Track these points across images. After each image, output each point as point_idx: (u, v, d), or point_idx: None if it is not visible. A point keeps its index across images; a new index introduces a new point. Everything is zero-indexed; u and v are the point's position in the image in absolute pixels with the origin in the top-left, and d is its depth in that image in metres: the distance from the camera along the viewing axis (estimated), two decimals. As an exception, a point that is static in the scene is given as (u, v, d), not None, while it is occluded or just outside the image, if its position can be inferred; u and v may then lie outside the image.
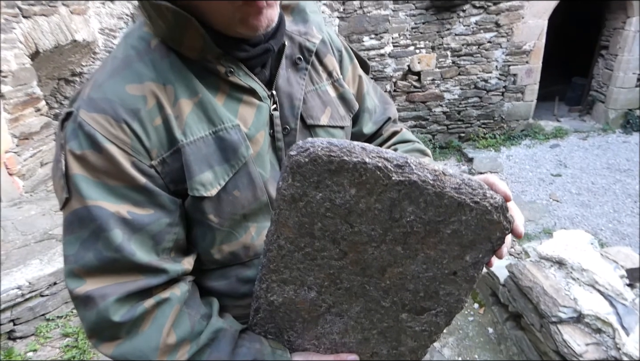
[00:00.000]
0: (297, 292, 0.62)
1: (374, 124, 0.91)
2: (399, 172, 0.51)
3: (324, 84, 0.78)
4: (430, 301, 0.60)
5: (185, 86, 0.61)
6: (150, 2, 0.57)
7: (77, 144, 0.57)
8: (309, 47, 0.73)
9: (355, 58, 0.88)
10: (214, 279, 0.71)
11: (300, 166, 0.52)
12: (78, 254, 0.58)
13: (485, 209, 0.52)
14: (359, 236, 0.56)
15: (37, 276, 2.71)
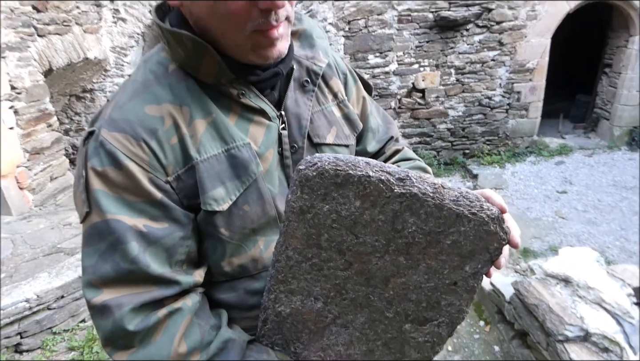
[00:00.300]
0: (304, 302, 0.64)
1: (377, 143, 0.94)
2: (400, 185, 0.54)
3: (329, 104, 0.81)
4: (433, 312, 0.62)
5: (200, 107, 0.65)
6: (171, 31, 0.62)
7: (98, 161, 0.60)
8: (316, 70, 0.77)
9: (359, 80, 0.92)
10: (223, 292, 0.73)
11: (308, 179, 0.55)
12: (96, 266, 0.61)
13: (482, 221, 0.55)
14: (364, 247, 0.58)
15: (46, 289, 2.74)
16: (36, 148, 4.07)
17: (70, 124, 5.37)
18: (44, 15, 4.09)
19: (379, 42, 5.35)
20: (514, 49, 5.50)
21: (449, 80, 5.60)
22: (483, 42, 5.45)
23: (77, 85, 5.06)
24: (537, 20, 5.42)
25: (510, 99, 5.75)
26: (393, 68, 5.52)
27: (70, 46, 4.42)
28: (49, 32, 4.17)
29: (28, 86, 3.92)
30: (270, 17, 0.59)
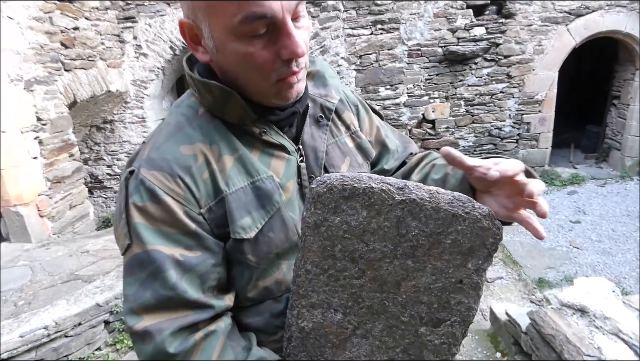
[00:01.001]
0: (325, 315, 0.68)
1: (395, 161, 1.00)
2: (400, 193, 0.61)
3: (343, 136, 0.88)
4: (445, 312, 0.66)
5: (227, 145, 0.72)
6: (201, 81, 0.70)
7: (139, 197, 0.67)
8: (329, 107, 0.85)
9: (371, 110, 1.00)
10: (250, 316, 0.78)
11: (320, 195, 0.62)
12: (137, 294, 0.66)
13: (476, 218, 0.61)
14: (374, 253, 0.64)
15: (64, 317, 2.76)
16: (57, 177, 4.20)
17: (90, 153, 5.54)
18: (71, 51, 4.31)
19: (390, 75, 5.51)
20: (523, 82, 5.61)
21: (458, 111, 5.71)
22: (491, 75, 5.58)
23: (98, 116, 5.25)
24: (544, 54, 5.55)
25: (520, 130, 5.82)
26: (403, 100, 5.65)
27: (94, 80, 4.63)
28: (75, 67, 4.38)
29: (53, 118, 4.09)
30: (292, 65, 0.66)
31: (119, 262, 3.54)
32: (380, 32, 5.37)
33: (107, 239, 4.13)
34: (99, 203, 5.74)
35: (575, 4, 5.42)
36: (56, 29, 4.11)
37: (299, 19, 0.65)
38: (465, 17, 5.39)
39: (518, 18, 5.42)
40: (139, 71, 5.26)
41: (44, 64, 3.96)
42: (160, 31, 5.13)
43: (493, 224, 0.62)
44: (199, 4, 0.62)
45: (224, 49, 0.65)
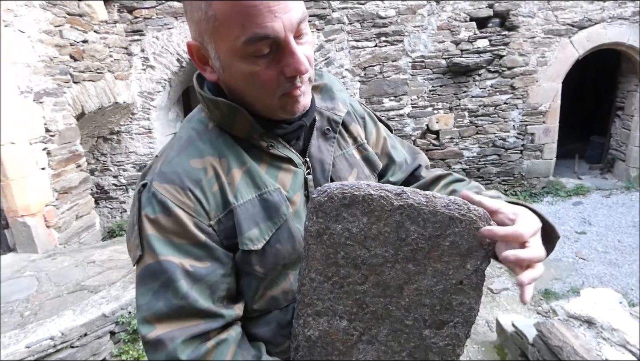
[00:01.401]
0: (331, 323, 0.68)
1: (402, 173, 1.01)
2: (398, 198, 0.63)
3: (350, 148, 0.90)
4: (447, 314, 0.67)
5: (235, 159, 0.74)
6: (210, 98, 0.73)
7: (151, 209, 0.69)
8: (336, 119, 0.87)
9: (379, 121, 1.01)
10: (258, 327, 0.79)
11: (321, 204, 0.64)
12: (150, 303, 0.68)
13: (471, 220, 0.63)
14: (376, 259, 0.65)
15: (70, 327, 2.77)
16: (65, 188, 4.24)
17: (96, 164, 5.59)
18: (80, 64, 4.38)
19: (394, 87, 5.56)
20: (526, 93, 5.64)
21: (462, 122, 5.74)
22: (495, 87, 5.61)
23: (105, 127, 5.31)
24: (548, 66, 5.59)
25: (525, 141, 5.83)
26: (407, 111, 5.69)
27: (102, 92, 4.70)
28: (84, 79, 4.45)
29: (61, 129, 4.14)
30: (296, 81, 0.69)
31: (124, 272, 3.56)
32: (384, 44, 5.43)
33: (113, 249, 4.15)
34: (105, 214, 5.77)
35: (578, 17, 5.47)
36: (66, 42, 4.18)
37: (301, 36, 0.68)
38: (468, 30, 5.44)
39: (521, 30, 5.47)
40: (146, 82, 5.33)
41: (53, 76, 4.03)
42: (167, 44, 5.21)
43: (488, 224, 0.64)
44: (206, 27, 0.64)
45: (230, 68, 0.67)
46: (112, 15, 4.98)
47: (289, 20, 0.63)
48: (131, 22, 5.16)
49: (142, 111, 5.40)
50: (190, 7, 0.66)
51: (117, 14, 5.09)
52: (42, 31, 3.89)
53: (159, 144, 5.54)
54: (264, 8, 0.60)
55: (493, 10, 5.43)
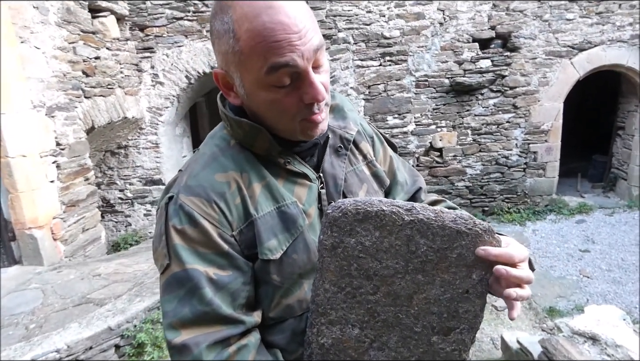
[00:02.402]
0: (343, 330, 0.71)
1: (405, 194, 1.07)
2: (408, 214, 0.68)
3: (360, 165, 0.95)
4: (454, 321, 0.71)
5: (256, 173, 0.79)
6: (234, 118, 0.79)
7: (178, 220, 0.73)
8: (348, 138, 0.92)
9: (385, 141, 1.07)
10: (274, 334, 0.82)
11: (336, 219, 0.69)
12: (176, 310, 0.71)
13: (477, 233, 0.68)
14: (387, 270, 0.69)
15: (76, 340, 2.76)
16: (72, 200, 4.28)
17: (103, 177, 5.64)
18: (91, 79, 4.48)
19: (398, 105, 5.65)
20: (529, 112, 5.73)
21: (465, 140, 5.80)
22: (498, 106, 5.70)
23: (113, 141, 5.38)
24: (549, 86, 5.68)
25: (527, 159, 5.89)
26: (411, 129, 5.76)
27: (112, 106, 4.78)
28: (95, 94, 4.54)
29: (71, 143, 4.21)
30: (314, 108, 0.74)
31: (130, 285, 3.56)
32: (389, 64, 5.54)
33: (119, 263, 4.16)
34: (109, 227, 5.80)
35: (578, 39, 5.59)
36: (79, 58, 4.29)
37: (319, 65, 0.73)
38: (471, 50, 5.56)
39: (523, 51, 5.59)
40: (155, 98, 5.42)
41: (65, 91, 4.11)
42: (177, 61, 5.33)
43: (493, 237, 0.69)
44: (232, 59, 0.70)
45: (254, 96, 0.74)
46: (124, 33, 5.11)
47: (308, 51, 0.68)
48: (142, 40, 5.29)
49: (150, 126, 5.48)
50: (218, 40, 0.71)
51: (129, 31, 5.22)
52: (56, 47, 3.99)
53: (166, 158, 5.60)
54: (284, 42, 0.66)
55: (495, 31, 5.56)
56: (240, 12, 0.67)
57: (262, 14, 0.66)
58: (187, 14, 5.25)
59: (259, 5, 0.66)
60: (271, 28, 0.65)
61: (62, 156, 4.11)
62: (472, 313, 0.71)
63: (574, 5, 5.52)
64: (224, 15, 0.69)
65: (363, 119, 1.04)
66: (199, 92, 6.11)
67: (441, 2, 5.48)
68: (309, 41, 0.68)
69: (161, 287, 0.75)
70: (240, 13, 0.67)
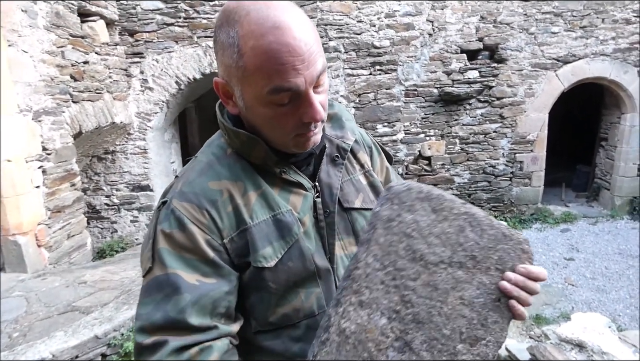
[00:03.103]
0: (371, 317, 0.66)
1: None
2: (464, 206, 0.70)
3: (357, 174, 0.96)
4: (482, 330, 0.68)
5: (252, 182, 0.80)
6: (232, 128, 0.80)
7: (167, 225, 0.74)
8: (345, 147, 0.93)
9: (382, 152, 1.09)
10: (269, 340, 0.82)
11: (399, 192, 0.69)
12: (149, 314, 0.70)
13: (519, 240, 0.70)
14: (433, 256, 0.68)
15: (61, 349, 2.71)
16: (58, 206, 4.20)
17: (89, 183, 5.56)
18: (80, 84, 4.43)
19: (387, 113, 5.70)
20: (515, 122, 5.84)
21: (454, 149, 5.89)
22: (485, 116, 5.80)
23: (100, 147, 5.31)
24: (535, 97, 5.81)
25: (514, 168, 6.00)
26: (400, 137, 5.82)
27: (100, 111, 4.73)
28: (83, 99, 4.48)
29: (58, 148, 4.14)
30: (311, 126, 0.76)
31: (117, 293, 3.51)
32: (379, 73, 5.61)
33: (105, 270, 4.10)
34: (95, 234, 5.70)
35: (563, 52, 5.74)
36: (67, 63, 4.24)
37: (319, 86, 0.75)
38: (459, 61, 5.66)
39: (509, 63, 5.71)
40: (144, 103, 5.38)
41: (53, 95, 4.06)
42: (167, 67, 5.30)
43: (529, 249, 0.71)
44: (235, 73, 0.71)
45: (252, 110, 0.75)
46: (113, 38, 5.07)
47: (311, 75, 0.70)
48: (132, 45, 5.25)
49: (139, 131, 5.43)
50: (222, 52, 0.72)
51: (118, 36, 5.18)
52: (44, 51, 3.94)
53: (154, 164, 5.55)
54: (289, 66, 0.67)
55: (483, 43, 5.67)
56: (247, 29, 0.67)
57: (268, 33, 0.66)
58: (178, 20, 5.24)
59: (266, 24, 0.66)
60: (277, 49, 0.66)
61: (48, 161, 4.04)
62: (499, 326, 0.69)
63: (559, 19, 5.67)
64: (230, 29, 0.69)
65: (362, 129, 1.06)
66: (189, 98, 6.08)
67: (430, 13, 5.57)
68: (312, 65, 0.69)
69: (141, 290, 0.74)
70: (247, 30, 0.67)
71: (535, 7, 5.63)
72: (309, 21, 0.71)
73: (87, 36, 4.57)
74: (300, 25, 0.68)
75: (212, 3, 5.24)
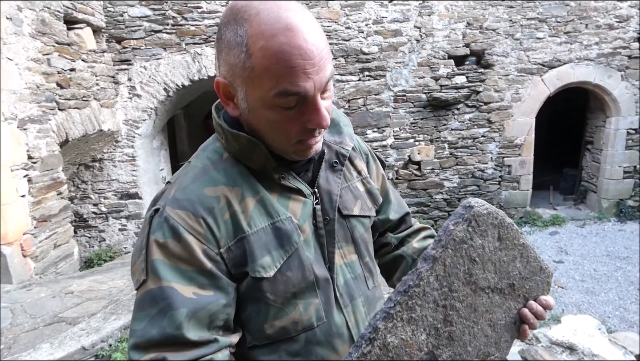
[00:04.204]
0: (414, 333, 0.66)
1: (395, 213, 1.06)
2: (522, 236, 0.72)
3: (354, 181, 0.93)
4: (494, 348, 0.71)
5: (249, 188, 0.76)
6: (231, 131, 0.76)
7: (161, 234, 0.69)
8: (344, 153, 0.90)
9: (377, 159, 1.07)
10: (266, 354, 0.78)
11: (479, 216, 0.68)
12: (144, 330, 0.67)
13: (549, 274, 0.74)
14: (485, 281, 0.69)
15: (47, 361, 2.66)
16: (44, 215, 4.13)
17: (76, 192, 5.48)
18: (66, 91, 4.38)
19: (377, 119, 5.73)
20: (502, 127, 5.90)
21: (443, 153, 5.93)
22: (473, 120, 5.86)
23: (88, 155, 5.25)
24: (522, 101, 5.89)
25: (502, 172, 6.05)
26: (390, 142, 5.85)
27: (87, 119, 4.68)
28: (69, 107, 4.43)
29: (44, 156, 4.08)
30: (315, 132, 0.74)
31: (105, 303, 3.45)
32: (368, 79, 5.64)
33: (93, 279, 4.03)
34: (82, 243, 5.61)
35: (548, 57, 5.83)
36: (53, 70, 4.19)
37: (326, 92, 0.72)
38: (447, 67, 5.72)
39: (496, 68, 5.78)
40: (132, 111, 5.34)
41: (39, 103, 4.00)
42: (155, 73, 5.27)
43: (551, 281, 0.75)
44: (240, 73, 0.68)
45: (256, 112, 0.72)
46: (100, 45, 5.03)
47: (320, 81, 0.67)
48: (119, 52, 5.22)
49: (127, 139, 5.37)
50: (227, 50, 0.68)
51: (105, 43, 5.15)
52: (30, 59, 3.89)
53: (143, 172, 5.49)
54: (299, 70, 0.64)
55: (469, 49, 5.74)
56: (257, 29, 0.64)
57: (280, 34, 0.63)
58: (166, 27, 5.22)
59: (277, 25, 0.64)
60: (288, 52, 0.63)
61: (34, 169, 3.98)
62: (507, 344, 0.71)
63: (543, 25, 5.76)
64: (238, 28, 0.66)
65: (358, 136, 1.04)
66: (178, 105, 6.05)
67: (418, 19, 5.63)
68: (322, 70, 0.67)
69: (135, 303, 0.71)
70: (257, 29, 0.64)
71: (520, 13, 5.73)
72: (319, 25, 0.69)
73: (74, 43, 4.53)
74: (312, 28, 0.66)
75: (200, 10, 5.24)
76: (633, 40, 5.84)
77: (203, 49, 5.30)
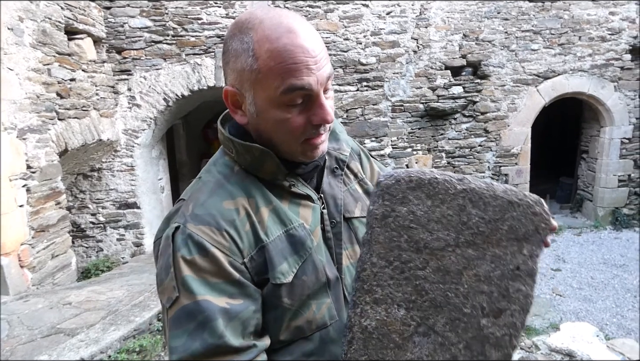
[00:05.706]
0: (389, 311, 0.67)
1: None
2: (460, 183, 0.67)
3: (353, 184, 0.97)
4: (504, 301, 0.67)
5: (262, 198, 0.79)
6: (242, 143, 0.80)
7: (187, 251, 0.71)
8: (343, 158, 0.95)
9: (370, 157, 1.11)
10: (281, 356, 0.80)
11: (388, 187, 0.68)
12: (185, 345, 0.68)
13: (528, 204, 0.68)
14: (438, 242, 0.67)
15: (46, 373, 2.63)
16: (42, 226, 4.11)
17: (74, 201, 5.46)
18: (66, 101, 4.39)
19: (375, 129, 5.78)
20: (499, 136, 5.97)
21: (440, 162, 5.97)
22: (470, 130, 5.92)
23: (86, 164, 5.24)
24: (518, 111, 5.97)
25: (499, 181, 6.09)
26: (388, 152, 5.89)
27: (86, 129, 4.68)
28: (69, 116, 4.43)
29: (43, 166, 4.07)
30: (320, 129, 0.78)
31: (104, 314, 3.43)
32: (366, 89, 5.70)
33: (91, 290, 4.00)
34: (80, 253, 5.57)
35: (543, 68, 5.93)
36: (53, 80, 4.20)
37: (327, 91, 0.77)
38: (444, 77, 5.79)
39: (492, 79, 5.86)
40: (131, 120, 5.35)
41: (38, 113, 4.01)
42: (155, 83, 5.30)
43: (543, 209, 0.69)
44: (248, 77, 0.73)
45: (264, 114, 0.76)
46: (100, 55, 5.06)
47: (322, 76, 0.73)
48: (119, 62, 5.25)
49: (126, 148, 5.38)
50: (234, 59, 0.74)
51: (105, 54, 5.18)
52: (30, 69, 3.91)
53: (142, 181, 5.49)
54: (302, 65, 0.70)
55: (466, 60, 5.82)
56: (262, 34, 0.71)
57: (283, 36, 0.70)
58: (167, 37, 5.27)
59: (280, 29, 0.71)
60: (291, 50, 0.70)
61: (32, 179, 3.96)
62: (523, 293, 0.67)
63: (538, 36, 5.87)
64: (244, 36, 0.72)
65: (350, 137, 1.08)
66: (177, 114, 6.07)
67: (415, 31, 5.71)
68: (322, 67, 0.73)
69: (169, 322, 0.71)
70: (262, 35, 0.71)
71: (515, 26, 5.83)
72: (315, 30, 0.76)
73: (74, 54, 4.56)
74: (310, 31, 0.73)
75: (201, 22, 5.29)
76: (625, 52, 5.96)
77: (203, 60, 5.35)
